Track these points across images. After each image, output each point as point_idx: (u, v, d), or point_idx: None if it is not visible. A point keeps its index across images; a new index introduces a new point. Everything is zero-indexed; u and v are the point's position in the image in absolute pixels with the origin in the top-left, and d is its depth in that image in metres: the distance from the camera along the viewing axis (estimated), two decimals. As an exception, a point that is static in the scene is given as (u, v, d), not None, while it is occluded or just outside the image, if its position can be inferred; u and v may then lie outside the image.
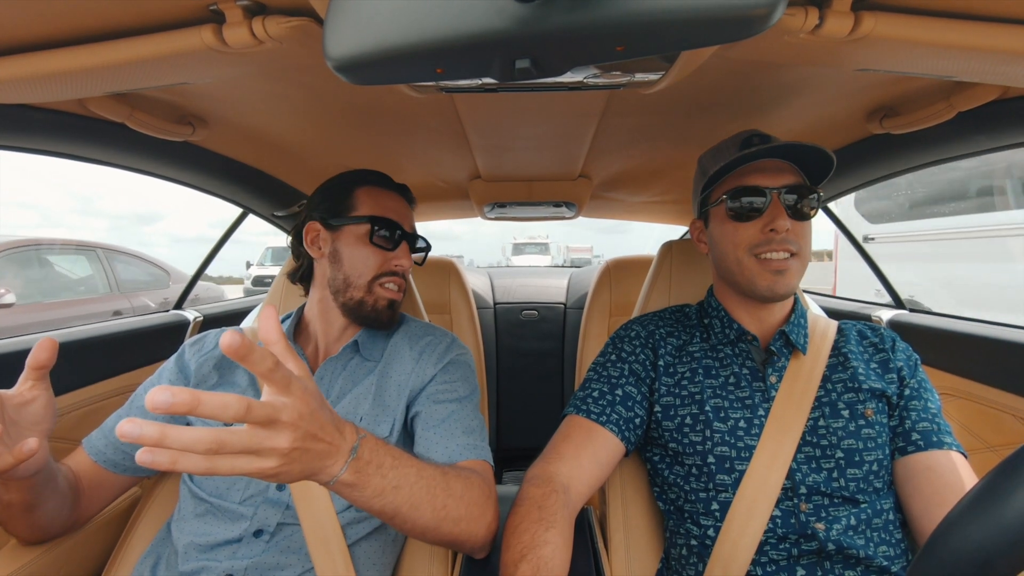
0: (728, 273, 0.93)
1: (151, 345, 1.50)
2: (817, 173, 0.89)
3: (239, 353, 0.47)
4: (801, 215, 0.86)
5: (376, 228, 0.98)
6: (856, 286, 4.47)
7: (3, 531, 0.90)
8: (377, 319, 0.98)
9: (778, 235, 0.84)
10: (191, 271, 1.89)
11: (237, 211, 1.69)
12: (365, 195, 1.00)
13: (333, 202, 1.00)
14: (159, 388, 0.44)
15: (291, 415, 0.51)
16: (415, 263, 1.10)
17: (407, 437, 0.93)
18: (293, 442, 0.52)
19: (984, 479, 0.41)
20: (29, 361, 0.68)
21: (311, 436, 0.54)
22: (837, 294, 3.61)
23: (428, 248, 1.12)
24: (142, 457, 0.45)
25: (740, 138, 0.91)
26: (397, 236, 1.00)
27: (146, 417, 0.87)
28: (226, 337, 0.46)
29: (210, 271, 1.96)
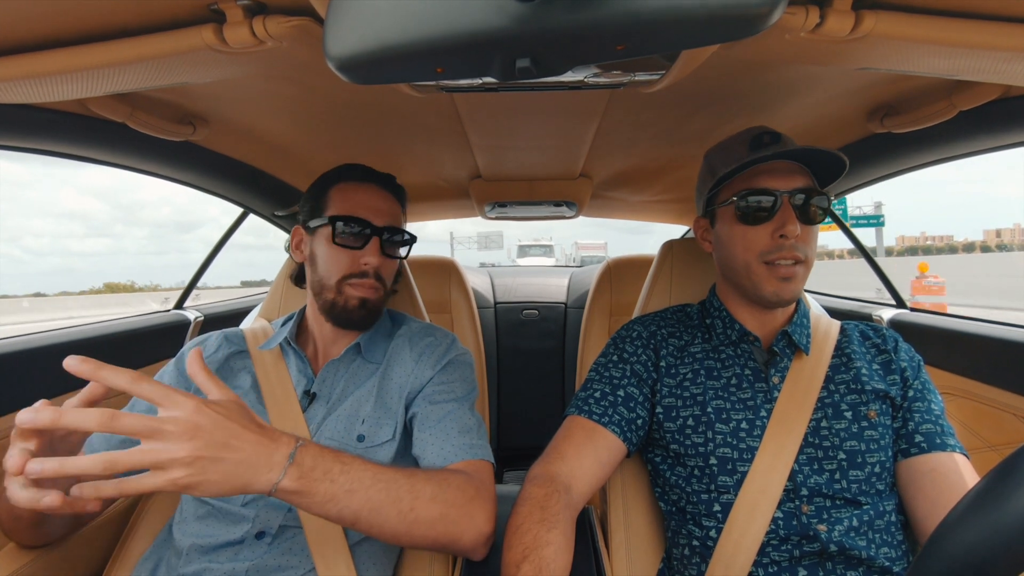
0: (734, 275, 0.92)
1: (152, 345, 1.50)
2: (826, 175, 0.88)
3: (83, 372, 0.53)
4: (810, 219, 0.85)
5: (338, 228, 0.95)
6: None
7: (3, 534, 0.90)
8: (349, 319, 0.95)
9: (788, 240, 0.83)
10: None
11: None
12: (337, 193, 0.97)
13: (311, 204, 0.99)
14: (25, 410, 0.51)
15: (179, 426, 0.55)
16: (398, 257, 1.03)
17: (409, 439, 0.93)
18: (194, 451, 0.55)
19: (983, 480, 0.41)
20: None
21: (221, 445, 0.57)
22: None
23: (411, 241, 1.04)
24: (66, 501, 0.53)
25: (749, 135, 0.90)
26: (366, 233, 0.95)
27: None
28: (68, 361, 0.53)
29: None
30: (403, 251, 1.04)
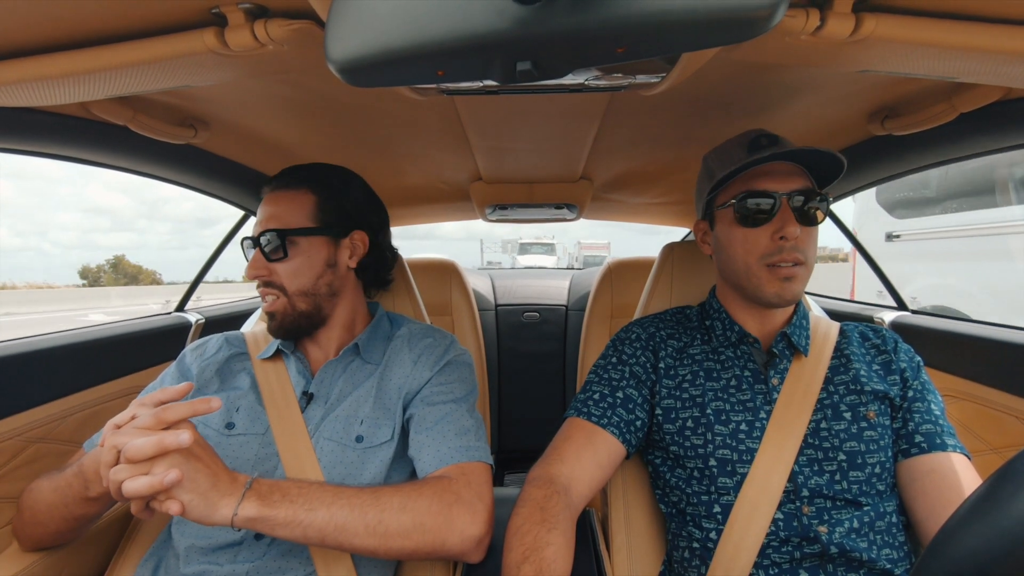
0: (734, 277, 0.91)
1: (153, 347, 1.50)
2: (825, 176, 0.88)
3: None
4: (809, 220, 0.85)
5: (245, 248, 0.97)
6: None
7: (3, 533, 0.90)
8: (276, 332, 0.95)
9: (788, 242, 0.83)
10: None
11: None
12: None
13: None
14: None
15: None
16: (275, 260, 0.91)
17: (407, 440, 0.92)
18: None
19: (984, 484, 0.41)
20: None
21: (195, 456, 0.67)
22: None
23: (286, 235, 0.91)
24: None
25: (747, 138, 0.90)
26: (253, 247, 0.94)
27: None
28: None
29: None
30: (287, 249, 0.90)
